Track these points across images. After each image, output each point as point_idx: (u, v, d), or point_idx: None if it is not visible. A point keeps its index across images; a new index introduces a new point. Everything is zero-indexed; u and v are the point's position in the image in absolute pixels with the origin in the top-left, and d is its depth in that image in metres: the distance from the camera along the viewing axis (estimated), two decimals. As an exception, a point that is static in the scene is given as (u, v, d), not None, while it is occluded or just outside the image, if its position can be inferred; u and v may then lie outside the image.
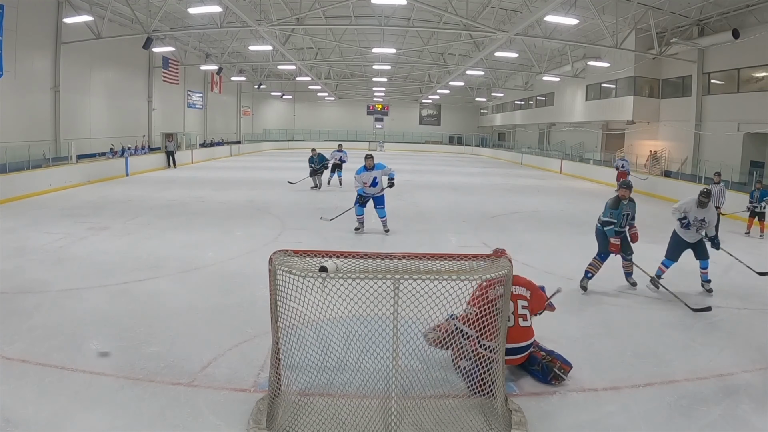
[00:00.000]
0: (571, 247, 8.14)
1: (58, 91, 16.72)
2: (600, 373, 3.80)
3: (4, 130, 14.11)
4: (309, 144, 38.23)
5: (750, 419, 3.24)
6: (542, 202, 13.56)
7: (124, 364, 3.70)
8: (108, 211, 10.15)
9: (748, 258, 7.81)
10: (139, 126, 22.79)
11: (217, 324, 4.53)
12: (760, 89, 15.33)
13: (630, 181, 6.14)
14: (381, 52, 22.46)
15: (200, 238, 7.93)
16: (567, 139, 27.53)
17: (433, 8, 15.58)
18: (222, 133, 32.20)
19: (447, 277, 2.87)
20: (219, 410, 3.18)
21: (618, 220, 5.76)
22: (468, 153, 38.84)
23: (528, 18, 14.99)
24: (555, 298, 4.27)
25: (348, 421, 2.98)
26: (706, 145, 17.68)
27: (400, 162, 27.36)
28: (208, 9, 15.07)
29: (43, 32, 15.85)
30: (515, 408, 3.18)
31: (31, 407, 3.13)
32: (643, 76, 20.12)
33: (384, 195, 8.57)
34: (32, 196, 11.73)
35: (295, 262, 3.06)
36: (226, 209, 10.80)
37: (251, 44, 21.56)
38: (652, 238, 8.98)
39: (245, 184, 15.55)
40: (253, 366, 3.77)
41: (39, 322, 4.45)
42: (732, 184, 13.05)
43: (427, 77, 32.63)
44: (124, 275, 5.86)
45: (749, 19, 14.92)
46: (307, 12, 16.74)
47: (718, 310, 5.26)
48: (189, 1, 16.15)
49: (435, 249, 7.40)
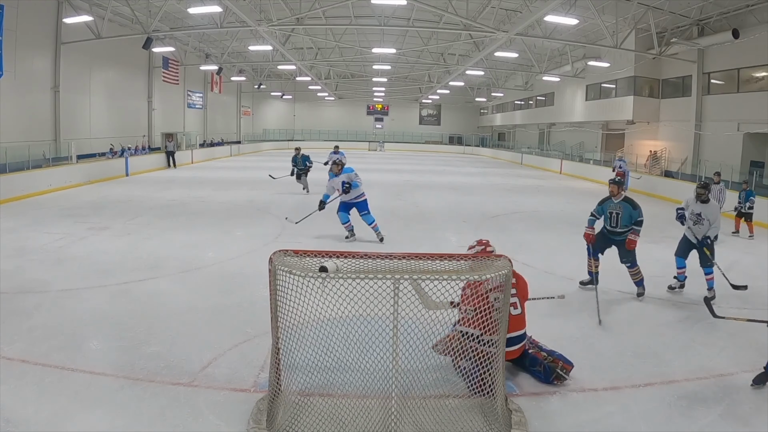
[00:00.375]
0: (571, 247, 8.13)
1: (58, 91, 16.73)
2: (600, 373, 3.80)
3: (4, 130, 14.11)
4: (309, 144, 38.40)
5: (750, 419, 3.24)
6: (542, 202, 13.56)
7: (124, 364, 3.70)
8: (108, 211, 10.15)
9: (748, 258, 7.83)
10: (139, 126, 22.80)
11: (217, 324, 4.53)
12: (760, 89, 15.34)
13: (619, 179, 5.82)
14: (381, 52, 22.46)
15: (200, 238, 7.93)
16: (567, 139, 27.54)
17: (433, 8, 15.58)
18: (222, 133, 32.21)
19: (447, 277, 2.87)
20: (219, 410, 3.17)
21: (600, 215, 5.65)
22: (468, 153, 38.84)
23: (528, 18, 15.00)
24: (555, 301, 4.26)
25: (348, 421, 2.98)
26: (706, 145, 17.69)
27: (400, 162, 27.37)
28: (208, 9, 15.08)
29: (43, 32, 15.86)
30: (515, 408, 3.18)
31: (31, 407, 3.13)
32: (643, 76, 20.13)
33: (366, 200, 7.87)
34: (32, 196, 11.73)
35: (295, 262, 3.06)
36: (226, 209, 10.80)
37: (251, 44, 21.58)
38: (652, 239, 9.00)
39: (245, 184, 15.55)
40: (253, 366, 3.76)
41: (39, 322, 4.45)
42: (732, 184, 13.06)
43: (427, 77, 32.64)
44: (124, 275, 5.86)
45: (749, 19, 14.92)
46: (307, 12, 16.74)
47: (718, 310, 5.24)
48: (189, 1, 16.17)
49: (435, 249, 7.40)
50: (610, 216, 5.58)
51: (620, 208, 5.51)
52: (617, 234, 5.59)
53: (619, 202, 5.55)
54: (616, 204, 5.55)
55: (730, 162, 14.77)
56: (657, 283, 6.19)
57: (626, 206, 5.51)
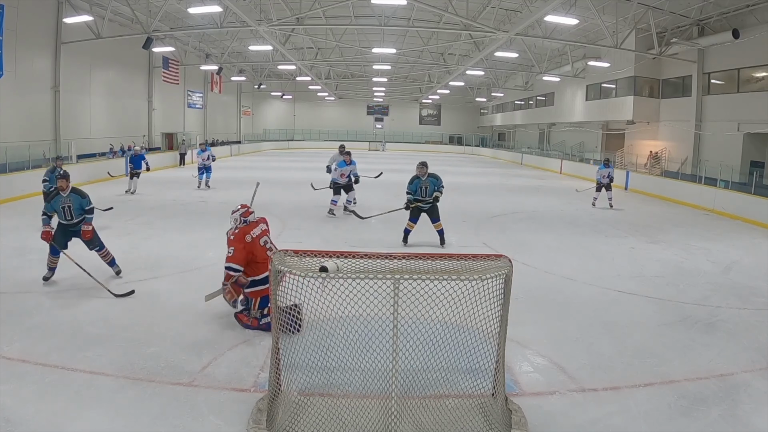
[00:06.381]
0: (570, 247, 8.14)
1: (58, 91, 16.73)
2: (600, 373, 3.80)
3: (4, 130, 14.11)
4: (309, 144, 38.44)
5: (750, 419, 3.24)
6: (542, 202, 13.56)
7: (124, 364, 3.70)
8: (108, 211, 10.14)
9: (749, 259, 7.80)
10: (139, 126, 22.80)
11: (217, 324, 4.53)
12: (760, 89, 15.33)
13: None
14: (381, 52, 22.47)
15: (200, 238, 7.93)
16: (567, 139, 27.54)
17: (433, 8, 15.58)
18: (222, 133, 32.20)
19: (447, 277, 2.87)
20: (219, 410, 3.17)
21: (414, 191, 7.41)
22: (468, 153, 38.83)
23: (528, 18, 15.00)
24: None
25: (348, 421, 2.98)
26: (706, 145, 17.69)
27: (400, 162, 27.36)
28: (208, 9, 15.07)
29: (43, 32, 15.86)
30: (515, 408, 3.18)
31: (31, 407, 3.13)
32: (643, 76, 20.13)
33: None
34: (32, 196, 11.70)
35: (295, 262, 3.06)
36: (226, 209, 10.72)
37: (251, 44, 21.57)
38: (652, 239, 9.02)
39: (245, 184, 15.49)
40: (253, 366, 3.77)
41: (39, 322, 4.45)
42: (732, 184, 13.06)
43: (427, 77, 32.64)
44: (124, 275, 5.86)
45: (749, 19, 14.92)
46: (307, 12, 16.75)
47: (718, 310, 5.26)
48: (189, 1, 16.17)
49: (435, 249, 7.41)
50: (421, 189, 7.37)
51: (427, 183, 7.36)
52: (425, 203, 7.41)
53: (426, 178, 7.37)
54: (424, 180, 7.37)
55: (730, 162, 14.76)
56: (657, 283, 6.20)
57: (431, 180, 7.40)
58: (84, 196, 5.63)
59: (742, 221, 11.23)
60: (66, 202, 5.49)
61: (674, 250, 8.08)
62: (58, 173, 7.11)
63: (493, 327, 3.09)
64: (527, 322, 4.67)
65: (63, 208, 5.49)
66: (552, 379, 3.72)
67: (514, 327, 3.76)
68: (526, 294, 5.38)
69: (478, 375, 3.29)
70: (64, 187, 5.51)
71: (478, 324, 3.06)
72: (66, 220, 5.54)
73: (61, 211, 5.49)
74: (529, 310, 5.05)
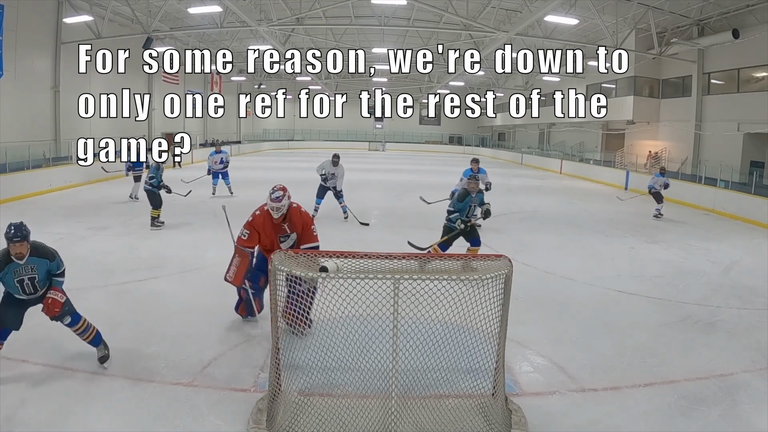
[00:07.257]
0: (571, 247, 8.14)
1: (58, 91, 16.72)
2: (600, 373, 3.80)
3: (4, 130, 14.10)
4: (309, 144, 38.41)
5: (750, 419, 3.24)
6: (542, 202, 13.55)
7: (124, 364, 3.70)
8: (108, 211, 10.15)
9: (750, 259, 7.80)
10: (139, 126, 22.78)
11: (217, 324, 4.53)
12: (760, 89, 15.33)
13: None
14: (381, 51, 22.45)
15: (200, 238, 7.93)
16: (567, 139, 27.53)
17: (433, 8, 15.58)
18: (222, 134, 32.17)
19: (447, 277, 2.87)
20: (219, 410, 3.17)
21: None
22: (468, 153, 38.71)
23: (528, 18, 15.00)
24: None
25: (348, 421, 2.98)
26: (706, 145, 17.69)
27: (400, 162, 27.36)
28: (208, 9, 15.09)
29: (43, 32, 15.85)
30: (515, 408, 3.18)
31: (31, 407, 3.13)
32: (643, 76, 20.12)
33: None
34: (32, 196, 11.72)
35: (295, 262, 3.06)
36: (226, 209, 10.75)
37: (251, 44, 21.55)
38: (652, 239, 9.02)
39: (245, 184, 15.52)
40: (253, 366, 3.77)
41: (39, 322, 4.44)
42: (732, 184, 13.06)
43: (427, 77, 32.62)
44: (124, 275, 5.86)
45: (749, 19, 14.92)
46: (307, 12, 16.76)
47: (718, 310, 5.26)
48: (189, 1, 16.18)
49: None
50: (471, 208, 6.18)
51: (476, 200, 6.22)
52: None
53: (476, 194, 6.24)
54: (474, 197, 6.19)
55: (730, 162, 14.77)
56: (657, 283, 6.21)
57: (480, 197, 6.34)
58: (53, 258, 3.64)
59: (742, 221, 11.24)
60: (26, 273, 3.48)
61: (674, 250, 8.08)
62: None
63: (493, 327, 3.09)
64: (527, 322, 4.67)
65: (21, 283, 3.49)
66: (552, 379, 3.72)
67: (514, 327, 3.76)
68: (526, 294, 5.38)
69: (478, 375, 3.29)
70: (22, 254, 3.43)
71: (478, 324, 3.06)
72: (27, 294, 3.57)
73: (18, 287, 3.50)
74: (529, 310, 5.05)
